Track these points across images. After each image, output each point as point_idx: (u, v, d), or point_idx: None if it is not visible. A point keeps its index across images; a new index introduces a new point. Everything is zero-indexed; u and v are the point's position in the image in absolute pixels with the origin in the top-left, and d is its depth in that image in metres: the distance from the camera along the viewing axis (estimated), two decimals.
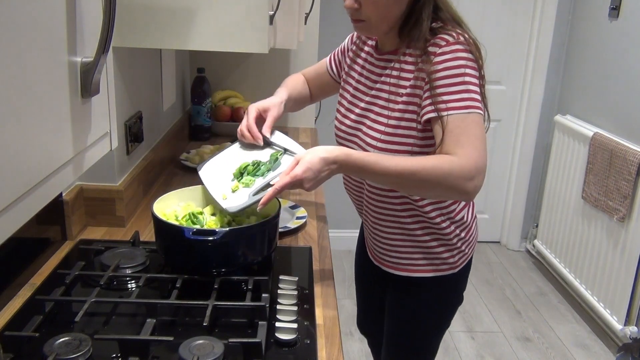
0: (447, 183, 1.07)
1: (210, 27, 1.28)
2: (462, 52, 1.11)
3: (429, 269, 1.32)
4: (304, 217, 1.51)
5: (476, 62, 1.13)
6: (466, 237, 1.33)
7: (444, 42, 1.12)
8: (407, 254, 1.32)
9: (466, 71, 1.10)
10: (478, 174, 1.07)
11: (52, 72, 0.61)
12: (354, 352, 2.56)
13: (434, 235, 1.29)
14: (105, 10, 0.66)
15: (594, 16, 2.94)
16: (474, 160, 1.06)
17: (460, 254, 1.33)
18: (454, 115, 1.09)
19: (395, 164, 1.07)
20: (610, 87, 2.78)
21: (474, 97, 1.10)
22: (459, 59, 1.10)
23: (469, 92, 1.10)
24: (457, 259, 1.33)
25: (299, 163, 1.08)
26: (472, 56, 1.12)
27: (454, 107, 1.09)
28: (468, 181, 1.06)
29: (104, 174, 1.40)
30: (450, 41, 1.12)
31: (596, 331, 2.77)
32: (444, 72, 1.10)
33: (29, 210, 0.58)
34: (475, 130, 1.09)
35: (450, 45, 1.11)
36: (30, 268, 1.18)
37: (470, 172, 1.06)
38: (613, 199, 2.55)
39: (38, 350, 0.89)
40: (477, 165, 1.06)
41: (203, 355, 0.89)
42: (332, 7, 2.93)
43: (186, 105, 2.34)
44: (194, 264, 1.14)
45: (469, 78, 1.10)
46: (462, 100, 1.09)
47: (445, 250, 1.31)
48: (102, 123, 0.77)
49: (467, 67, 1.10)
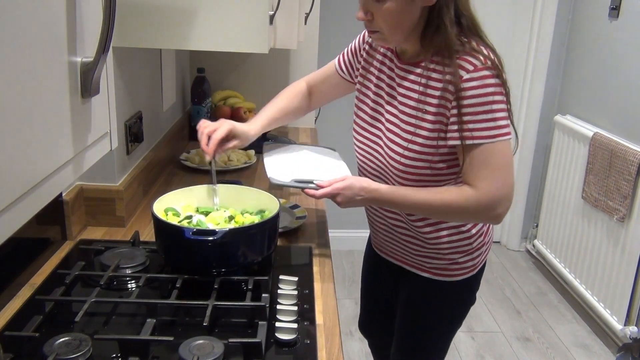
0: (468, 215, 1.21)
1: (210, 27, 1.28)
2: (490, 78, 1.10)
3: (450, 274, 1.33)
4: (304, 217, 1.51)
5: (503, 85, 1.12)
6: (485, 239, 1.35)
7: (471, 67, 1.10)
8: (422, 257, 1.33)
9: (494, 99, 1.10)
10: (498, 204, 1.15)
11: (52, 72, 0.61)
12: (354, 352, 2.56)
13: (456, 243, 1.30)
14: (105, 10, 0.66)
15: (594, 16, 2.94)
16: (492, 193, 1.14)
17: (479, 256, 1.35)
18: (478, 146, 1.12)
19: (420, 199, 1.18)
20: (610, 87, 2.78)
21: (501, 123, 1.12)
22: (487, 86, 1.10)
23: (496, 120, 1.11)
24: (476, 262, 1.34)
25: (344, 181, 1.22)
26: (499, 81, 1.11)
27: (479, 136, 1.12)
28: (489, 211, 1.16)
29: (104, 174, 1.40)
30: (478, 66, 1.10)
31: (596, 331, 2.77)
32: (471, 100, 1.10)
33: (29, 210, 0.58)
34: (497, 160, 1.13)
35: (478, 71, 1.10)
36: (30, 268, 1.18)
37: (488, 205, 1.15)
38: (613, 199, 2.55)
39: (38, 350, 0.89)
40: (496, 197, 1.14)
41: (203, 355, 0.89)
42: (332, 7, 2.93)
43: (186, 105, 2.34)
44: (194, 264, 1.14)
45: (497, 105, 1.11)
46: (488, 129, 1.11)
47: (466, 254, 1.32)
48: (102, 123, 0.77)
49: (495, 94, 1.10)
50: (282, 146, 1.54)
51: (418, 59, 1.20)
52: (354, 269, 3.25)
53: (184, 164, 1.90)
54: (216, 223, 1.21)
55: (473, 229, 1.30)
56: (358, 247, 3.64)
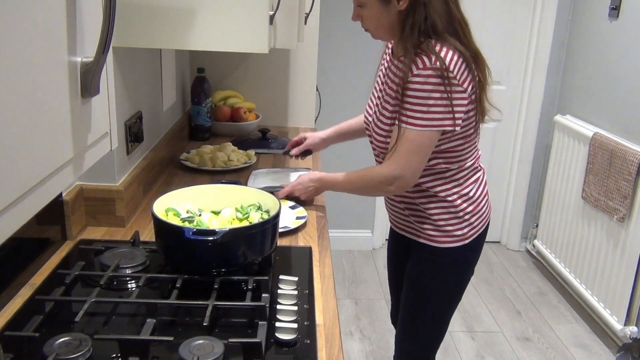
0: (372, 186, 1.47)
1: (210, 27, 1.28)
2: (433, 77, 1.29)
3: (441, 240, 1.47)
4: (304, 217, 1.51)
5: (447, 85, 1.29)
6: (474, 211, 1.48)
7: (421, 65, 1.29)
8: (419, 224, 1.50)
9: (432, 95, 1.30)
10: (393, 181, 1.38)
11: (52, 72, 0.61)
12: (354, 352, 2.56)
13: (443, 210, 1.46)
14: (105, 10, 0.66)
15: (594, 16, 2.94)
16: (392, 170, 1.38)
17: (469, 227, 1.48)
18: (404, 130, 1.34)
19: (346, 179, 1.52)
20: (610, 87, 2.78)
21: (433, 117, 1.31)
22: (428, 83, 1.29)
23: (428, 113, 1.31)
24: (466, 231, 1.48)
25: (297, 179, 1.64)
26: (442, 81, 1.29)
27: (410, 122, 1.33)
28: (383, 185, 1.41)
29: (104, 174, 1.40)
30: (427, 65, 1.29)
31: (596, 331, 2.77)
32: (413, 92, 1.31)
33: (29, 210, 0.58)
34: (410, 146, 1.34)
35: (425, 69, 1.29)
36: (30, 268, 1.18)
37: (385, 179, 1.39)
38: (613, 199, 2.55)
39: (38, 350, 0.89)
40: (395, 174, 1.37)
41: (203, 355, 0.89)
42: (332, 7, 2.93)
43: (186, 105, 2.34)
44: (194, 264, 1.14)
45: (434, 101, 1.30)
46: (418, 118, 1.32)
47: (456, 222, 1.46)
48: (102, 123, 0.77)
49: (434, 92, 1.29)
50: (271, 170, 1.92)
51: (398, 55, 1.41)
52: (354, 269, 3.25)
53: (184, 164, 1.90)
54: (224, 224, 1.21)
55: (457, 200, 1.46)
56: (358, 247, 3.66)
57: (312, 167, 1.97)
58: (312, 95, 2.49)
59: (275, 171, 1.88)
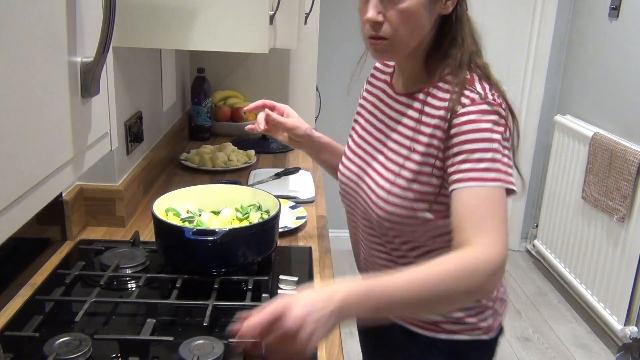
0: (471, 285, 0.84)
1: (210, 27, 1.28)
2: (490, 114, 0.94)
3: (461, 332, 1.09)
4: (304, 217, 1.51)
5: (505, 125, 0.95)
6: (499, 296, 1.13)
7: (468, 101, 0.95)
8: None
9: (493, 137, 0.93)
10: (500, 268, 0.86)
11: (52, 72, 0.61)
12: (354, 352, 2.56)
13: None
14: (105, 10, 0.66)
15: (594, 16, 2.94)
16: (500, 252, 0.86)
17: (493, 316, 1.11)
18: (477, 189, 0.91)
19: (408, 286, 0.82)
20: (610, 87, 2.78)
21: (501, 167, 0.92)
22: (485, 121, 0.93)
23: (496, 162, 0.92)
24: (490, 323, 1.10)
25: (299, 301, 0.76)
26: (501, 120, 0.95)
27: (477, 178, 0.91)
28: (490, 277, 0.85)
29: (104, 174, 1.40)
30: (476, 100, 0.95)
31: (596, 331, 2.77)
32: (468, 136, 0.93)
33: (29, 210, 0.58)
34: (500, 211, 0.90)
35: (476, 104, 0.95)
36: (30, 268, 1.18)
37: (495, 266, 0.85)
38: (613, 199, 2.55)
39: (38, 350, 0.89)
40: (502, 258, 0.86)
41: (203, 355, 0.89)
42: (332, 7, 2.93)
43: (186, 105, 2.34)
44: (194, 264, 1.14)
45: (497, 145, 0.93)
46: (488, 170, 0.91)
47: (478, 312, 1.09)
48: (102, 123, 0.77)
49: (494, 132, 0.93)
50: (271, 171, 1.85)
51: (414, 89, 1.05)
52: (353, 269, 3.24)
53: (184, 164, 1.90)
54: (224, 223, 1.21)
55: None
56: None
57: (312, 167, 1.97)
58: (312, 95, 2.49)
59: (276, 173, 1.86)
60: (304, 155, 2.10)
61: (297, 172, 1.89)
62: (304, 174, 1.88)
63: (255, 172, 1.88)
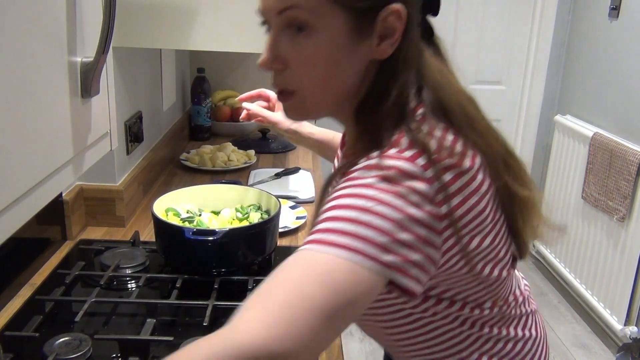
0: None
1: (210, 27, 1.28)
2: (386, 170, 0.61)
3: None
4: (304, 217, 1.51)
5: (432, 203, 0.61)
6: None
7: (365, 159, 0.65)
8: None
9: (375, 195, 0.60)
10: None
11: (52, 72, 0.61)
12: (354, 352, 2.56)
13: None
14: (105, 10, 0.66)
15: (594, 16, 2.94)
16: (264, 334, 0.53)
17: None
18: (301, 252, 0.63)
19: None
20: (610, 87, 2.78)
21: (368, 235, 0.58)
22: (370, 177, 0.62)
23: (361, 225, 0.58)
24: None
25: None
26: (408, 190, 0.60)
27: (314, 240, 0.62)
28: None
29: (104, 174, 1.40)
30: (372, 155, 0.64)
31: (596, 331, 2.77)
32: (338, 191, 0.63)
33: (29, 210, 0.58)
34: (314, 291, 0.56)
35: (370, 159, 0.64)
36: (30, 268, 1.18)
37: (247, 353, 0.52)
38: (613, 199, 2.55)
39: (38, 350, 0.89)
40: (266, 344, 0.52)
41: None
42: None
43: (186, 105, 2.34)
44: (194, 264, 1.14)
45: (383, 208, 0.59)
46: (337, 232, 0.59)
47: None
48: (102, 123, 0.77)
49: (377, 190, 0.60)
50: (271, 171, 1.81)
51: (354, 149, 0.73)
52: None
53: (184, 164, 1.90)
54: (224, 224, 1.21)
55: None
56: None
57: (312, 167, 1.97)
58: None
59: (276, 173, 1.86)
60: (304, 155, 2.10)
61: (297, 172, 1.89)
62: (304, 174, 1.88)
63: (255, 172, 1.88)
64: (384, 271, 0.58)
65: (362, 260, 0.57)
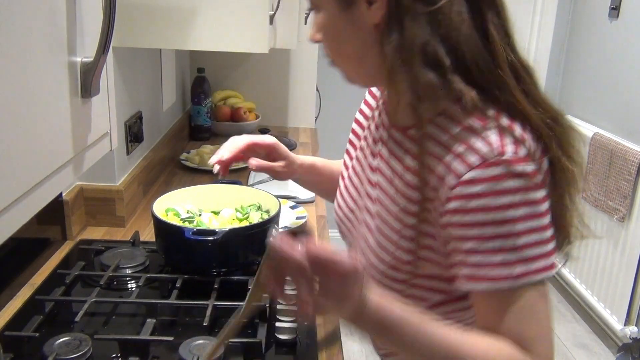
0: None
1: (210, 27, 1.28)
2: (508, 179, 0.67)
3: None
4: (304, 217, 1.51)
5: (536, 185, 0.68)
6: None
7: (474, 157, 0.68)
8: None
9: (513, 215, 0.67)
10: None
11: (52, 72, 0.61)
12: (354, 352, 2.56)
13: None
14: (105, 10, 0.66)
15: (594, 16, 2.94)
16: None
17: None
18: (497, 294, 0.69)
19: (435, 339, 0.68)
20: (610, 87, 2.77)
21: (528, 254, 0.68)
22: (499, 193, 0.67)
23: (518, 251, 0.67)
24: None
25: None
26: (524, 182, 0.67)
27: (493, 277, 0.68)
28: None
29: (104, 174, 1.40)
30: (489, 159, 0.67)
31: (596, 331, 2.77)
32: (473, 217, 0.68)
33: (29, 210, 0.58)
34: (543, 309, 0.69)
35: (485, 167, 0.67)
36: (30, 268, 1.18)
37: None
38: (613, 199, 2.55)
39: (38, 350, 0.89)
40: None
41: (203, 355, 0.89)
42: None
43: (186, 105, 2.34)
44: (194, 264, 1.14)
45: (521, 225, 0.67)
46: (507, 265, 0.67)
47: None
48: (102, 123, 0.77)
49: (514, 207, 0.67)
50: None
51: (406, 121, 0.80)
52: None
53: (184, 164, 1.90)
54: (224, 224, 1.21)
55: None
56: None
57: None
58: (312, 95, 2.49)
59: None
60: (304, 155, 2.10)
61: None
62: None
63: (255, 172, 1.87)
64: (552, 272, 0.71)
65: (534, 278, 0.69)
